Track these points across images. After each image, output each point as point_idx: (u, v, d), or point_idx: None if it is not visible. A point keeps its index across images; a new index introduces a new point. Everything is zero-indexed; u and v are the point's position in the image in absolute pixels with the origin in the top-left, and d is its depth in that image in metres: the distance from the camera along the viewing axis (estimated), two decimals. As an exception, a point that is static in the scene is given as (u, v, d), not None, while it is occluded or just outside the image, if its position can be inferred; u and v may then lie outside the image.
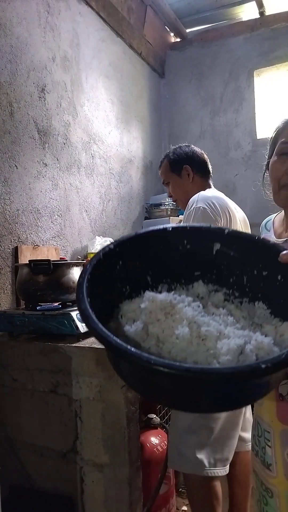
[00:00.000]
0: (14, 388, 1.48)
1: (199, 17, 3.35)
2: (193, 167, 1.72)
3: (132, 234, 0.73)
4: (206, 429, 1.38)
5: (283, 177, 0.99)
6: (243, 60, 3.34)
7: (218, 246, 0.74)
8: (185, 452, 1.39)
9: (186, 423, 1.41)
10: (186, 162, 1.73)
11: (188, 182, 1.72)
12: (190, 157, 1.74)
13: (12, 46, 1.83)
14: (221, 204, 1.51)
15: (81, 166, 2.35)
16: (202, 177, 1.74)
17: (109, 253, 0.68)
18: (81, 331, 1.41)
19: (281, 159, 1.01)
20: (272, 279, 0.69)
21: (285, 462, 0.99)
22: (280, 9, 3.20)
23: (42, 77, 2.03)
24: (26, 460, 1.47)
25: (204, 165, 1.76)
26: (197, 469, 1.38)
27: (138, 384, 0.62)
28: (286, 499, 0.99)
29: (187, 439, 1.40)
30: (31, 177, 1.92)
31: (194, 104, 3.53)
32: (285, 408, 1.00)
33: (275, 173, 1.02)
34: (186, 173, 1.72)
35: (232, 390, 0.55)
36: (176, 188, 1.77)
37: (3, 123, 1.76)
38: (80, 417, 1.37)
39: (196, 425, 1.39)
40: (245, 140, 3.35)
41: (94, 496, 1.38)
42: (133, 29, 2.96)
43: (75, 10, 2.31)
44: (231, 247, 0.73)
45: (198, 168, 1.73)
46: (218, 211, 1.47)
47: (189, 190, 1.70)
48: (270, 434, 1.04)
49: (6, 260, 1.75)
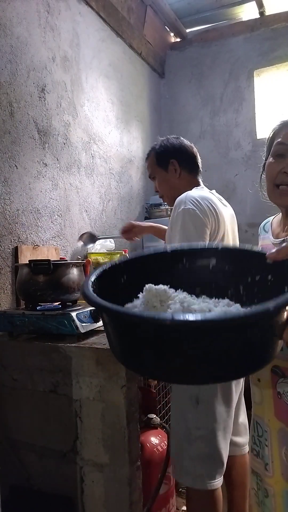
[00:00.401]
0: (14, 388, 1.48)
1: (199, 17, 3.35)
2: (180, 161, 1.60)
3: (136, 254, 0.82)
4: (203, 440, 1.35)
5: (278, 176, 1.01)
6: (243, 60, 3.34)
7: (214, 262, 0.81)
8: (185, 464, 1.37)
9: (184, 433, 1.38)
10: (173, 156, 1.61)
11: (175, 177, 1.61)
12: (178, 151, 1.62)
13: (12, 46, 1.83)
14: (209, 204, 1.44)
15: (81, 166, 2.35)
16: (190, 173, 1.62)
17: (114, 266, 0.74)
18: (81, 331, 1.41)
19: (276, 160, 1.02)
20: (264, 281, 0.73)
21: (282, 461, 0.99)
22: (280, 9, 3.20)
23: (42, 77, 2.03)
24: (26, 460, 1.47)
25: (192, 160, 1.63)
26: (196, 482, 1.36)
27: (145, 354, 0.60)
28: (283, 498, 0.99)
29: (186, 450, 1.37)
30: (31, 177, 1.92)
31: (194, 104, 3.53)
32: (282, 406, 1.01)
33: (271, 173, 1.03)
34: (173, 168, 1.61)
35: (242, 340, 0.55)
36: (162, 183, 1.66)
37: (3, 123, 1.76)
38: (80, 417, 1.37)
39: (193, 436, 1.36)
40: (245, 140, 3.35)
41: (94, 496, 1.37)
42: (133, 29, 2.96)
43: (75, 10, 2.31)
44: (225, 261, 0.81)
45: (186, 163, 1.61)
46: (205, 212, 1.40)
47: (175, 186, 1.60)
48: (267, 434, 1.04)
49: (6, 260, 1.75)
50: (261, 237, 1.21)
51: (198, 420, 1.35)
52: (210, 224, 1.39)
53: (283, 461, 0.99)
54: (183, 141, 1.66)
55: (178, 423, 1.40)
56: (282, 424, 1.01)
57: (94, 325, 1.50)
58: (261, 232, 1.22)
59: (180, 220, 1.39)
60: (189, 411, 1.36)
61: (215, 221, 1.42)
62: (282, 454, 1.00)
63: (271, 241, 1.12)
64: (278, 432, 1.01)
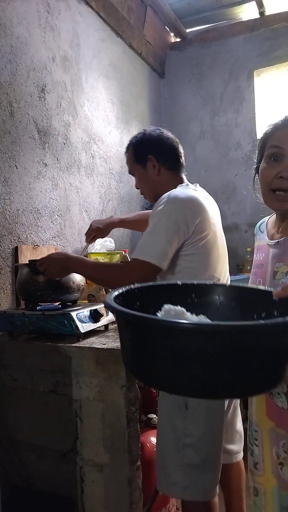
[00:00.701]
0: (14, 388, 1.48)
1: (199, 17, 3.35)
2: (159, 157, 1.46)
3: (149, 283, 0.87)
4: (192, 448, 1.26)
5: (273, 181, 0.99)
6: (243, 60, 3.34)
7: (222, 299, 0.85)
8: (172, 474, 1.28)
9: (171, 441, 1.29)
10: (151, 151, 1.47)
11: (154, 174, 1.48)
12: (156, 146, 1.48)
13: (12, 46, 1.83)
14: (195, 204, 1.34)
15: (81, 166, 2.35)
16: (170, 169, 1.49)
17: (130, 291, 0.78)
18: (81, 331, 1.41)
19: (271, 165, 1.00)
20: (271, 317, 0.75)
21: (273, 460, 1.00)
22: (280, 9, 3.19)
23: (42, 77, 2.03)
24: (26, 460, 1.47)
25: (173, 156, 1.49)
26: (186, 493, 1.27)
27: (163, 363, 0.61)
28: (272, 496, 1.01)
29: (173, 459, 1.28)
30: (31, 177, 1.92)
31: (194, 104, 3.53)
32: (274, 406, 1.01)
33: (266, 178, 1.01)
34: (152, 165, 1.47)
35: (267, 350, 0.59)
36: (141, 181, 1.53)
37: (3, 123, 1.76)
38: (80, 417, 1.37)
39: (182, 444, 1.27)
40: (245, 140, 3.35)
41: (94, 496, 1.37)
42: (133, 29, 2.96)
43: (75, 10, 2.31)
44: (232, 298, 0.85)
45: (166, 159, 1.47)
46: (190, 213, 1.31)
47: (155, 183, 1.49)
48: (258, 433, 1.06)
49: (6, 260, 1.75)
50: (257, 237, 1.21)
51: (186, 427, 1.27)
52: (193, 225, 1.30)
53: (273, 460, 1.01)
54: (163, 134, 1.50)
55: (166, 430, 1.31)
56: (273, 424, 1.02)
57: (94, 325, 1.50)
58: (257, 233, 1.22)
59: (163, 223, 1.29)
60: (177, 417, 1.28)
61: (202, 221, 1.32)
62: (273, 453, 1.01)
63: (266, 242, 1.12)
64: (270, 431, 1.03)
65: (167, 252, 1.27)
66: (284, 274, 1.00)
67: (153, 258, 1.26)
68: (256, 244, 1.19)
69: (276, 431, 1.00)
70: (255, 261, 1.15)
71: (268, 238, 1.12)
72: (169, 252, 1.28)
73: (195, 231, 1.30)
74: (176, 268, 1.34)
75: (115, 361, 1.31)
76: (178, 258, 1.33)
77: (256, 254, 1.16)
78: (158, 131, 1.51)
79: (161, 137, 1.49)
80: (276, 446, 1.00)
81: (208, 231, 1.34)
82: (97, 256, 2.10)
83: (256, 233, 1.22)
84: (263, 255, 1.10)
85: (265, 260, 1.08)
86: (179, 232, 1.29)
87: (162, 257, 1.26)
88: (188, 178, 1.55)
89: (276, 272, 1.03)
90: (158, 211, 1.31)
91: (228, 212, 3.42)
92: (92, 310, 1.52)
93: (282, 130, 1.01)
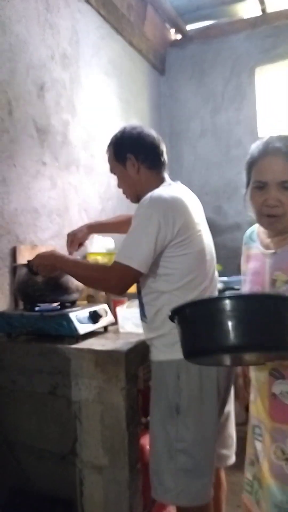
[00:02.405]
0: (12, 390, 1.47)
1: (199, 14, 3.32)
2: (138, 156, 1.41)
3: None
4: (184, 453, 1.24)
5: (262, 208, 1.09)
6: (244, 57, 3.32)
7: None
8: (166, 480, 1.26)
9: (164, 446, 1.27)
10: (130, 150, 1.41)
11: (134, 174, 1.43)
12: (135, 144, 1.42)
13: (11, 44, 1.81)
14: (178, 205, 1.29)
15: (80, 165, 2.33)
16: (151, 168, 1.42)
17: None
18: (80, 333, 1.40)
19: (257, 193, 1.09)
20: None
21: (270, 459, 1.10)
22: (282, 6, 3.17)
23: (41, 75, 2.01)
24: (25, 463, 1.46)
25: (153, 154, 1.43)
26: (180, 499, 1.25)
27: None
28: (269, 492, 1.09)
29: (166, 465, 1.26)
30: (29, 176, 1.91)
31: (194, 102, 3.51)
32: (277, 406, 1.09)
33: (255, 204, 1.11)
34: (131, 164, 1.42)
35: None
36: (122, 180, 1.49)
37: (1, 121, 1.75)
38: (79, 419, 1.36)
39: (174, 449, 1.25)
40: (247, 138, 3.32)
41: (93, 499, 1.37)
42: (133, 26, 2.94)
43: (74, 8, 2.29)
44: None
45: (145, 158, 1.41)
46: (174, 214, 1.25)
47: (136, 183, 1.44)
48: (261, 430, 1.14)
49: (4, 261, 1.74)
50: (248, 246, 1.26)
51: (178, 432, 1.25)
52: (177, 225, 1.25)
53: (270, 459, 1.09)
54: (143, 132, 1.44)
55: (158, 436, 1.29)
56: (275, 423, 1.09)
57: (93, 326, 1.49)
58: (248, 241, 1.27)
59: (144, 225, 1.25)
60: (168, 422, 1.26)
61: (185, 222, 1.28)
62: (271, 450, 1.09)
63: (261, 251, 1.18)
64: (272, 430, 1.10)
65: (147, 256, 1.23)
66: (284, 282, 1.08)
67: (133, 262, 1.22)
68: (249, 252, 1.24)
69: (282, 429, 1.07)
70: (250, 269, 1.21)
71: (262, 247, 1.19)
72: (150, 255, 1.24)
73: (179, 233, 1.26)
74: (159, 270, 1.29)
75: (114, 362, 1.30)
76: (162, 261, 1.28)
77: (249, 262, 1.22)
78: (139, 129, 1.46)
79: (141, 135, 1.43)
80: (282, 443, 1.07)
81: (192, 231, 1.30)
82: (97, 256, 2.08)
83: (246, 241, 1.28)
84: (258, 263, 1.18)
85: (262, 269, 1.15)
86: (161, 235, 1.24)
87: (143, 261, 1.23)
88: (171, 176, 1.50)
89: (275, 280, 1.11)
90: (140, 212, 1.28)
91: (230, 211, 3.40)
92: (91, 311, 1.51)
93: (263, 160, 1.09)
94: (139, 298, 1.39)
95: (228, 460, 1.48)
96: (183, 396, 1.25)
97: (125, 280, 1.27)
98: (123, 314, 1.59)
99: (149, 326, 1.34)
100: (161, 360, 1.31)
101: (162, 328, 1.29)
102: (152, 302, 1.32)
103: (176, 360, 1.24)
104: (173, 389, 1.26)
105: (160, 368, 1.31)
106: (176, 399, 1.25)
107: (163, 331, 1.29)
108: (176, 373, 1.26)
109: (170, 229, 1.24)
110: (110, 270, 1.30)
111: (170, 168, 3.84)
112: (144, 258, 1.23)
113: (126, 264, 1.23)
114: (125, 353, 1.30)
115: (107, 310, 1.62)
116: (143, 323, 1.38)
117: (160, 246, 1.25)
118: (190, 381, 1.25)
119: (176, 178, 1.51)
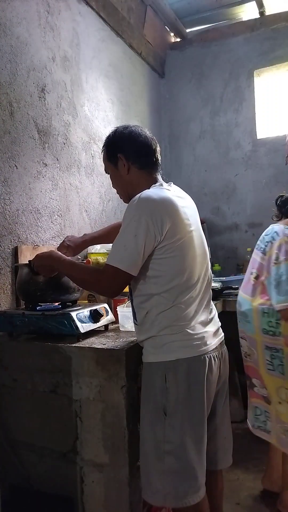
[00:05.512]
0: (14, 388, 1.48)
1: (199, 17, 3.35)
2: (129, 156, 1.39)
3: None
4: (172, 455, 1.23)
5: None
6: (243, 60, 3.34)
7: None
8: (154, 481, 1.25)
9: (152, 447, 1.26)
10: (120, 150, 1.39)
11: (125, 174, 1.40)
12: (126, 144, 1.39)
13: (12, 46, 1.83)
14: (167, 206, 1.26)
15: (81, 166, 2.35)
16: (142, 168, 1.39)
17: None
18: (81, 331, 1.41)
19: None
20: None
21: None
22: (280, 9, 3.20)
23: (42, 77, 2.03)
24: (26, 460, 1.47)
25: (144, 153, 1.40)
26: (167, 500, 1.25)
27: None
28: None
29: (154, 466, 1.25)
30: (31, 177, 1.92)
31: (194, 104, 3.53)
32: None
33: None
34: (122, 164, 1.40)
35: None
36: (114, 181, 1.48)
37: (3, 123, 1.76)
38: (80, 417, 1.37)
39: (162, 450, 1.24)
40: (245, 140, 3.35)
41: (94, 497, 1.37)
42: (133, 29, 2.96)
43: (75, 10, 2.31)
44: None
45: (136, 157, 1.38)
46: (162, 215, 1.23)
47: (127, 183, 1.42)
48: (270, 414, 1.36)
49: (6, 260, 1.75)
50: None
51: (165, 433, 1.24)
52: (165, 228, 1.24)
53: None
54: (133, 131, 1.41)
55: (147, 438, 1.28)
56: None
57: (94, 325, 1.50)
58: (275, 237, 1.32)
59: (132, 227, 1.23)
60: (156, 423, 1.25)
61: (174, 224, 1.26)
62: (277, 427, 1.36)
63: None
64: None
65: (137, 258, 1.23)
66: None
67: (122, 264, 1.22)
68: None
69: None
70: None
71: None
72: (140, 257, 1.23)
73: (168, 234, 1.24)
74: (148, 273, 1.28)
75: (115, 361, 1.31)
76: (152, 263, 1.27)
77: None
78: (130, 129, 1.42)
79: (132, 134, 1.40)
80: None
81: (182, 233, 1.28)
82: (97, 256, 2.09)
83: (273, 238, 1.44)
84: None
85: None
86: (149, 235, 1.22)
87: (132, 263, 1.22)
88: (168, 177, 1.49)
89: None
90: (128, 214, 1.26)
91: (228, 212, 3.42)
92: (92, 310, 1.52)
93: None
94: (131, 301, 1.39)
95: (225, 463, 1.47)
96: (170, 398, 1.24)
97: (116, 283, 1.26)
98: (123, 313, 1.60)
99: (140, 328, 1.33)
100: (150, 361, 1.30)
101: (151, 330, 1.28)
102: (142, 305, 1.31)
103: (163, 362, 1.25)
104: (161, 390, 1.25)
105: (149, 370, 1.30)
106: (163, 400, 1.24)
107: (152, 333, 1.28)
108: (164, 375, 1.25)
109: (158, 230, 1.23)
110: (101, 273, 1.30)
111: (170, 169, 3.86)
112: (133, 260, 1.22)
113: (116, 266, 1.23)
114: (125, 352, 1.31)
115: (108, 309, 1.63)
116: (135, 325, 1.38)
117: (149, 247, 1.24)
118: (177, 383, 1.24)
119: (175, 179, 1.51)
